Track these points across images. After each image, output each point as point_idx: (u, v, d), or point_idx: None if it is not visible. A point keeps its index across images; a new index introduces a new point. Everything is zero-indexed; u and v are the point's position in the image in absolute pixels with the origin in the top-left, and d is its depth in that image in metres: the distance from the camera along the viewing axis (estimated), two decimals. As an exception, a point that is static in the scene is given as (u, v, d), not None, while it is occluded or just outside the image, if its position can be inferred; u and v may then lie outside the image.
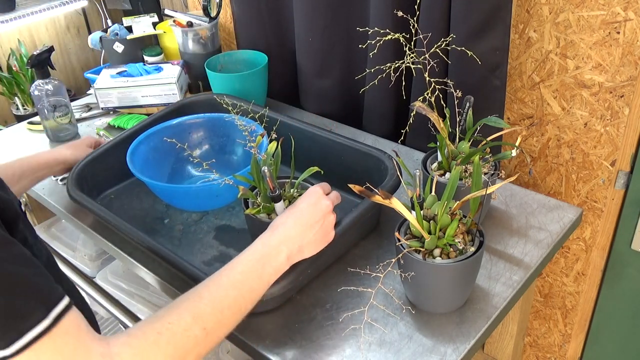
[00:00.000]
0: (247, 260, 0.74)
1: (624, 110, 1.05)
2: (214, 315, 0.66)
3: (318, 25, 1.31)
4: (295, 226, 0.79)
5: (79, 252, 1.57)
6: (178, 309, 0.64)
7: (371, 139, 1.30)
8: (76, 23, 2.17)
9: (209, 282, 0.69)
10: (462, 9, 1.04)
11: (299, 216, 0.80)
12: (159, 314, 0.63)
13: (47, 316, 0.53)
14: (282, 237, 0.78)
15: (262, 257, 0.75)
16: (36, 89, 1.36)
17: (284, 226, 0.79)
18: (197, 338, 0.63)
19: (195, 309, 0.65)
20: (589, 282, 1.27)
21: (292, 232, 0.78)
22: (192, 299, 0.66)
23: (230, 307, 0.68)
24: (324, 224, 0.81)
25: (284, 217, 0.80)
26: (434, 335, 0.82)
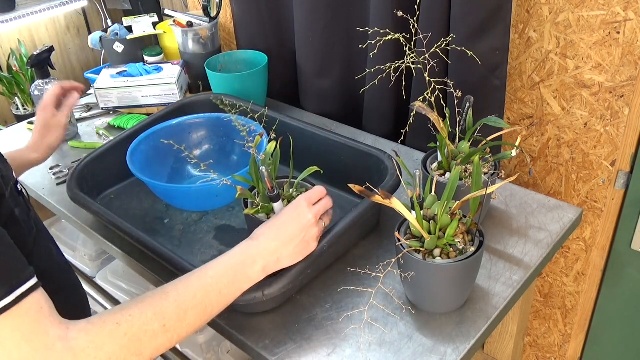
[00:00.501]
0: (221, 266, 0.74)
1: (624, 110, 1.05)
2: (177, 314, 0.66)
3: (318, 25, 1.31)
4: (276, 239, 0.79)
5: (79, 252, 1.57)
6: (142, 303, 0.65)
7: (371, 139, 1.30)
8: (76, 23, 2.17)
9: (178, 282, 0.70)
10: (462, 9, 1.04)
11: (281, 228, 0.79)
12: (123, 306, 0.64)
13: (10, 294, 0.55)
14: (262, 248, 0.78)
15: (237, 265, 0.75)
16: (36, 89, 1.36)
17: (264, 237, 0.79)
18: (155, 333, 0.64)
19: (159, 306, 0.65)
20: (589, 282, 1.27)
21: (272, 245, 0.78)
22: (157, 296, 0.67)
23: (195, 308, 0.69)
24: (305, 237, 0.81)
25: (266, 227, 0.80)
26: (434, 335, 0.82)
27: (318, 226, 0.82)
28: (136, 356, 0.62)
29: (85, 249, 1.55)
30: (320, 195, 0.84)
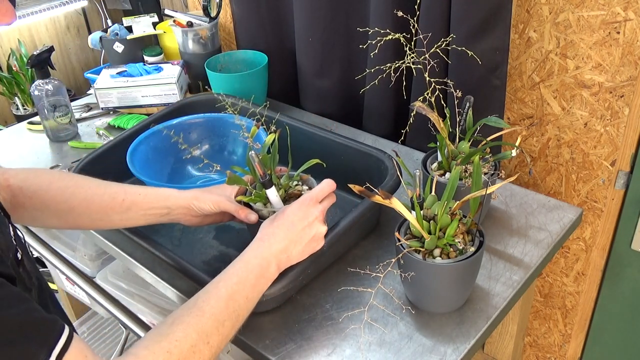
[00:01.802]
0: (241, 272, 0.75)
1: (624, 110, 1.05)
2: (216, 329, 0.68)
3: (318, 25, 1.31)
4: (285, 238, 0.79)
5: (79, 252, 1.56)
6: (182, 324, 0.65)
7: (371, 139, 1.30)
8: (76, 23, 2.17)
9: (208, 295, 0.70)
10: (462, 9, 1.04)
11: (289, 228, 0.80)
12: (162, 331, 0.64)
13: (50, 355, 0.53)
14: (273, 249, 0.78)
15: (255, 268, 0.76)
16: (36, 89, 1.36)
17: (274, 238, 0.79)
18: (202, 352, 0.65)
19: (199, 325, 0.66)
20: (589, 282, 1.27)
21: (282, 245, 0.79)
22: (194, 314, 0.67)
23: (230, 319, 0.70)
24: (313, 235, 0.81)
25: (274, 226, 0.80)
26: (434, 335, 0.82)
27: (324, 226, 0.83)
28: None
29: (85, 249, 1.55)
30: (329, 192, 0.85)
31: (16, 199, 0.82)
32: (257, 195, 0.89)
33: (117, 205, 0.87)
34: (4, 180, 0.82)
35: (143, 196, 0.88)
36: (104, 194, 0.87)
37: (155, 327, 0.66)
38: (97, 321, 1.69)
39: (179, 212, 0.89)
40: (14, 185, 0.83)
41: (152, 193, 0.89)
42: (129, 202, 0.87)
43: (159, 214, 0.89)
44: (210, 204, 0.88)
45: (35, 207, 0.84)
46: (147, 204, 0.88)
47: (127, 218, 0.88)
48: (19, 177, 0.84)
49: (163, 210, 0.89)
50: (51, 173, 0.92)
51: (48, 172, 0.91)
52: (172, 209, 0.89)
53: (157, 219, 0.90)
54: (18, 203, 0.83)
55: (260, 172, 0.85)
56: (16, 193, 0.82)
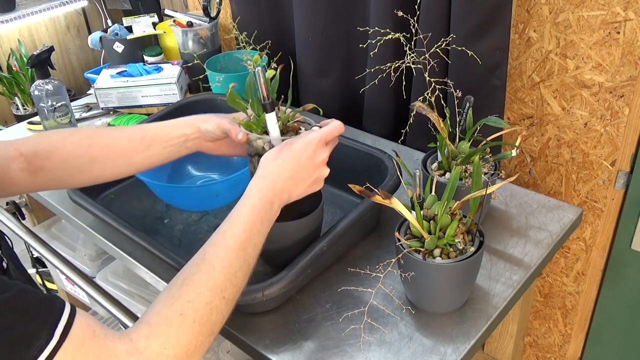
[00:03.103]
0: (246, 217, 0.72)
1: (624, 110, 1.05)
2: (229, 281, 0.65)
3: (318, 25, 1.31)
4: (289, 179, 0.76)
5: (79, 252, 1.56)
6: (193, 283, 0.63)
7: (371, 139, 1.30)
8: (76, 23, 2.17)
9: (216, 248, 0.67)
10: (462, 9, 1.04)
11: (295, 167, 0.77)
12: (173, 293, 0.62)
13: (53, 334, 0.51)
14: (277, 189, 0.75)
15: (259, 212, 0.73)
16: (36, 89, 1.36)
17: (278, 176, 0.76)
18: (220, 308, 0.63)
19: (211, 281, 0.64)
20: (589, 282, 1.27)
21: (287, 184, 0.76)
22: (204, 270, 0.64)
23: (241, 269, 0.68)
24: (316, 177, 0.80)
25: (278, 165, 0.76)
26: (434, 335, 0.82)
27: (326, 170, 0.81)
28: (211, 336, 0.62)
29: (85, 249, 1.55)
30: (337, 134, 0.82)
31: (33, 164, 0.80)
32: (254, 123, 0.84)
33: (138, 144, 0.86)
34: (14, 150, 0.80)
35: (161, 129, 0.88)
36: (121, 136, 0.86)
37: (166, 289, 0.63)
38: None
39: (194, 136, 0.88)
40: (27, 152, 0.80)
41: (168, 124, 0.89)
42: (148, 139, 0.86)
43: (177, 144, 0.88)
44: (213, 125, 0.87)
45: (56, 167, 0.82)
46: (166, 135, 0.87)
47: (149, 156, 0.87)
48: (29, 143, 0.82)
49: (181, 139, 0.88)
50: (61, 131, 0.91)
51: (57, 131, 0.90)
52: (188, 135, 0.88)
53: (176, 149, 0.89)
54: (37, 168, 0.80)
55: (264, 92, 0.79)
56: (31, 159, 0.80)
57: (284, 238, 0.87)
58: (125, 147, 0.86)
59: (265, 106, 0.81)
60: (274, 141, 0.82)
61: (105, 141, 0.85)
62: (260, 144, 0.83)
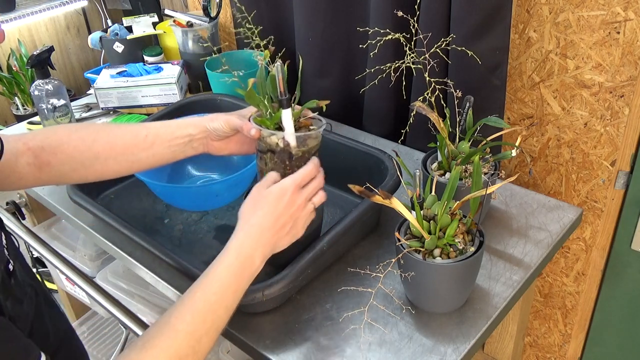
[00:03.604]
0: (222, 276, 0.70)
1: (624, 110, 1.05)
2: (192, 348, 0.63)
3: (318, 26, 1.31)
4: (271, 228, 0.75)
5: (79, 252, 1.56)
6: (153, 349, 0.61)
7: (371, 139, 1.30)
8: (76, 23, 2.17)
9: (183, 310, 0.65)
10: (462, 9, 1.04)
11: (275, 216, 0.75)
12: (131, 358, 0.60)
13: None
14: (259, 243, 0.73)
15: (238, 270, 0.71)
16: (36, 89, 1.36)
17: (258, 228, 0.74)
18: None
19: (171, 348, 0.61)
20: (589, 282, 1.27)
21: (267, 235, 0.74)
22: (166, 335, 0.62)
23: (207, 333, 0.65)
24: (295, 222, 0.78)
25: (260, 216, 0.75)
26: (434, 335, 0.82)
27: (307, 208, 0.79)
28: None
29: (85, 249, 1.55)
30: (310, 177, 0.80)
31: (39, 159, 0.81)
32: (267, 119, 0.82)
33: (141, 142, 0.85)
34: (23, 144, 0.80)
35: (165, 127, 0.87)
36: (125, 134, 0.86)
37: (126, 351, 0.61)
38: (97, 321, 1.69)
39: (199, 136, 0.87)
40: (35, 146, 0.81)
41: (173, 123, 0.88)
42: (152, 136, 0.86)
43: (182, 143, 0.87)
44: (222, 123, 0.86)
45: (61, 162, 0.83)
46: (170, 134, 0.86)
47: (153, 154, 0.86)
48: (37, 138, 0.82)
49: (186, 138, 0.87)
50: (68, 126, 0.90)
51: (64, 126, 0.89)
52: (193, 135, 0.87)
53: (181, 149, 0.88)
54: (43, 163, 0.81)
55: (282, 87, 0.78)
56: (38, 153, 0.81)
57: None
58: (129, 144, 0.85)
59: (282, 102, 0.79)
60: (288, 137, 0.81)
61: (109, 137, 0.85)
62: (274, 140, 0.82)
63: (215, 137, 0.88)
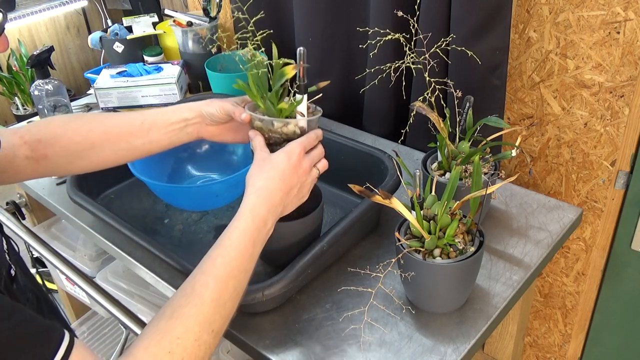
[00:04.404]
0: (238, 242, 0.70)
1: (624, 110, 1.05)
2: (219, 314, 0.64)
3: (318, 25, 1.31)
4: (280, 190, 0.75)
5: (79, 252, 1.56)
6: (182, 317, 0.61)
7: (371, 139, 1.30)
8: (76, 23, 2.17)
9: (206, 278, 0.66)
10: (462, 9, 1.04)
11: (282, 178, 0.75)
12: (161, 327, 0.61)
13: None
14: (269, 204, 0.74)
15: (252, 235, 0.71)
16: (36, 89, 1.36)
17: (267, 190, 0.74)
18: (208, 343, 0.62)
19: (200, 315, 0.62)
20: (589, 282, 1.27)
21: (277, 197, 0.75)
22: (193, 303, 0.63)
23: (231, 298, 0.67)
24: (301, 185, 0.78)
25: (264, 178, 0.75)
26: (434, 335, 0.82)
27: (312, 173, 0.80)
28: None
29: (85, 249, 1.55)
30: (316, 141, 0.81)
31: (37, 152, 0.81)
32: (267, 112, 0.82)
33: (137, 129, 0.85)
34: (19, 138, 0.81)
35: (161, 114, 0.86)
36: (120, 122, 0.86)
37: (154, 321, 0.62)
38: (97, 321, 1.69)
39: (194, 121, 0.87)
40: (30, 140, 0.81)
41: (168, 109, 0.88)
42: (148, 124, 0.85)
43: (178, 129, 0.86)
44: (217, 107, 0.85)
45: (57, 154, 0.83)
46: (166, 120, 0.86)
47: (149, 141, 0.86)
48: (32, 131, 0.82)
49: (182, 123, 0.86)
50: (62, 117, 0.90)
51: (59, 117, 0.89)
52: (188, 119, 0.86)
53: (177, 135, 0.87)
54: (40, 156, 0.82)
55: (301, 73, 0.80)
56: (35, 146, 0.81)
57: (283, 238, 0.87)
58: (125, 132, 0.85)
59: (300, 87, 0.80)
60: (304, 122, 0.81)
61: (104, 127, 0.85)
62: (291, 129, 0.81)
63: (210, 122, 0.87)
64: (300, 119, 0.81)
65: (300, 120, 0.81)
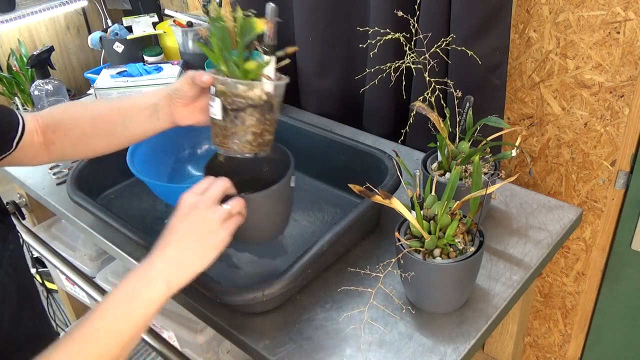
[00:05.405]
0: (110, 302, 0.63)
1: (624, 110, 1.05)
2: None
3: (318, 25, 1.31)
4: (169, 244, 0.68)
5: (79, 252, 1.56)
6: None
7: (371, 139, 1.30)
8: (76, 23, 2.16)
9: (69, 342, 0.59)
10: (462, 9, 1.04)
11: (172, 231, 0.69)
12: None
13: None
14: (157, 263, 0.67)
15: (128, 293, 0.64)
16: (36, 89, 1.36)
17: (157, 248, 0.69)
18: None
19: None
20: (589, 282, 1.27)
21: (169, 253, 0.68)
22: None
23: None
24: (207, 229, 0.70)
25: (159, 239, 0.69)
26: (434, 335, 0.82)
27: (218, 212, 0.71)
28: None
29: (85, 249, 1.55)
30: (205, 185, 0.75)
31: (46, 137, 0.84)
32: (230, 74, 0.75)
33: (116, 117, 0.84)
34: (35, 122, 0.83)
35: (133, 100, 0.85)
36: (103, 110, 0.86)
37: None
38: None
39: (163, 104, 0.83)
40: (42, 125, 0.83)
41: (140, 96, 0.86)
42: (124, 110, 0.85)
43: (149, 115, 0.84)
44: (182, 81, 0.82)
45: (61, 141, 0.85)
46: (137, 107, 0.84)
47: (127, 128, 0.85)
48: (44, 116, 0.84)
49: (150, 109, 0.84)
50: (68, 103, 0.91)
51: (66, 103, 0.91)
52: (157, 104, 0.84)
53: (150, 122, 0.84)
54: (49, 142, 0.84)
55: (271, 33, 0.74)
56: (45, 132, 0.84)
57: (251, 212, 0.78)
58: (106, 120, 0.85)
59: (268, 47, 0.74)
60: (270, 87, 0.74)
61: (92, 114, 0.86)
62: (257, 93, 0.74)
63: (179, 102, 0.83)
64: (267, 82, 0.74)
65: (267, 84, 0.74)
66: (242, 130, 0.76)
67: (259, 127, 0.76)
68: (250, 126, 0.76)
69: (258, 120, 0.75)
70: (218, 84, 0.75)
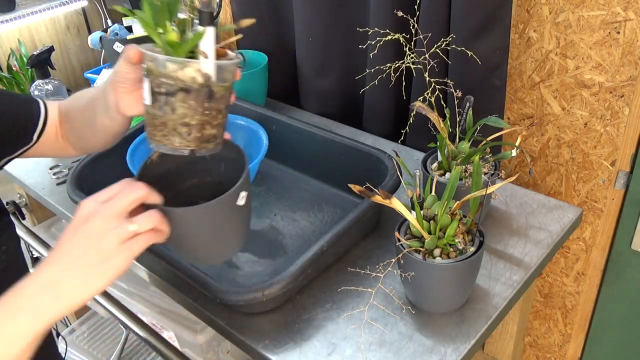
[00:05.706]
0: None
1: (624, 110, 1.05)
2: None
3: (318, 26, 1.32)
4: (51, 263, 0.55)
5: (79, 252, 1.56)
6: None
7: (371, 139, 1.30)
8: (76, 23, 2.16)
9: None
10: (462, 9, 1.04)
11: (57, 249, 0.56)
12: None
13: None
14: (28, 289, 0.54)
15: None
16: (36, 89, 1.36)
17: (36, 270, 0.55)
18: None
19: None
20: (589, 282, 1.27)
21: (45, 276, 0.54)
22: None
23: None
24: (102, 247, 0.55)
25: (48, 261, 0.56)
26: (434, 335, 0.82)
27: (118, 229, 0.56)
28: None
29: (85, 249, 1.55)
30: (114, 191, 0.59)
31: (63, 129, 0.82)
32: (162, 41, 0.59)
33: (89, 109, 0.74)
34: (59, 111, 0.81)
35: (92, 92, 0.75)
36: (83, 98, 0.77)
37: None
38: (97, 321, 1.69)
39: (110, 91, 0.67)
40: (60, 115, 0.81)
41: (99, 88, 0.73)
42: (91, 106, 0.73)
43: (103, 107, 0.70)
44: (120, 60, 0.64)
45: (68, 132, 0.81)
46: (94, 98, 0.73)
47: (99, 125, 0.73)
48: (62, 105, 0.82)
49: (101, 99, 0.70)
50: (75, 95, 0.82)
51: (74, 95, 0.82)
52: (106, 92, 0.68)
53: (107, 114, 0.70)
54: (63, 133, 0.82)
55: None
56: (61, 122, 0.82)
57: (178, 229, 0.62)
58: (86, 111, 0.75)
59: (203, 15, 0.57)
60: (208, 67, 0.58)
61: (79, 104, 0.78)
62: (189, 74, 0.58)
63: (122, 88, 0.65)
64: (205, 61, 0.58)
65: (205, 64, 0.58)
66: (172, 120, 0.59)
67: (195, 118, 0.59)
68: (182, 115, 0.59)
69: (192, 108, 0.59)
70: (147, 60, 0.59)
